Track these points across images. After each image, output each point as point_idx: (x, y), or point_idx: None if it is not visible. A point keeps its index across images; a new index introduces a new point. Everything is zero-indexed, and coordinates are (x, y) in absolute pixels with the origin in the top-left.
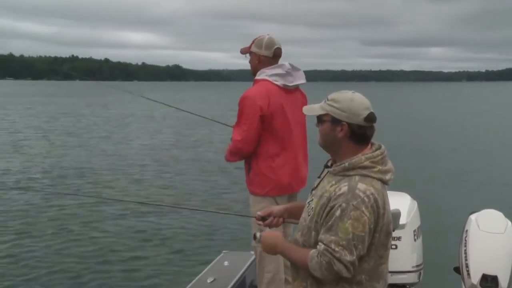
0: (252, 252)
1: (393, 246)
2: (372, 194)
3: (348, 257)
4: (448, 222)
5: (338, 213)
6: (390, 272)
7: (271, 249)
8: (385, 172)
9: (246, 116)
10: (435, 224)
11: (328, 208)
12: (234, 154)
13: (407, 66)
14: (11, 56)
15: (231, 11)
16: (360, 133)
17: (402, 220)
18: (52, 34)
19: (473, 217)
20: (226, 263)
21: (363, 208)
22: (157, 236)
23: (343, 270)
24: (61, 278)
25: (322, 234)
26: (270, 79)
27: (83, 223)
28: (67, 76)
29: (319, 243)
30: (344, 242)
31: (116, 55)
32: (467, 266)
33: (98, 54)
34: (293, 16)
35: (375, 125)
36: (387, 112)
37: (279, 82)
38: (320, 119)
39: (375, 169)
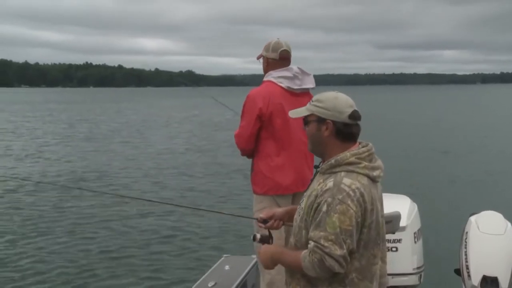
0: (253, 256)
1: (394, 249)
2: (357, 188)
3: (338, 252)
4: (448, 224)
5: (324, 208)
6: (391, 274)
7: (269, 262)
8: (373, 168)
9: (245, 114)
10: (435, 226)
11: (315, 205)
12: (238, 147)
13: (420, 69)
14: (26, 64)
15: (246, 17)
16: (345, 131)
17: (403, 223)
18: (68, 41)
19: (473, 218)
20: (227, 267)
21: (349, 202)
22: (158, 239)
23: (335, 265)
24: (53, 275)
25: (311, 232)
26: (275, 81)
27: (84, 220)
28: (81, 83)
29: (309, 241)
30: (333, 237)
31: (130, 61)
32: (467, 267)
33: (112, 60)
34: (308, 21)
35: (361, 123)
36: (392, 115)
37: (284, 84)
38: (306, 120)
39: (361, 165)
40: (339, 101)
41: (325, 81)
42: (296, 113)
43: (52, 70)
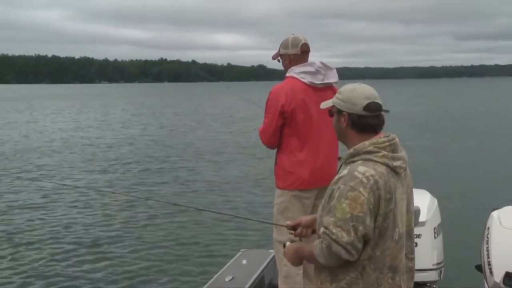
0: (271, 250)
1: None
2: (372, 176)
3: (345, 238)
4: (470, 219)
5: (337, 194)
6: None
7: (295, 258)
8: (393, 158)
9: (268, 111)
10: (456, 222)
11: (329, 192)
12: (262, 143)
13: (502, 60)
14: (106, 61)
15: (323, 10)
16: (361, 123)
17: (422, 218)
18: (146, 39)
19: (495, 214)
20: (244, 261)
21: (361, 189)
22: (177, 234)
23: (341, 251)
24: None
25: (323, 218)
26: (298, 76)
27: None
28: (156, 78)
29: (320, 227)
30: (341, 223)
31: (203, 57)
32: (489, 264)
33: (187, 56)
34: (386, 13)
35: (384, 114)
36: (438, 108)
37: (306, 79)
38: (331, 112)
39: (380, 154)
40: (354, 93)
41: (397, 74)
42: (325, 104)
43: (130, 66)
